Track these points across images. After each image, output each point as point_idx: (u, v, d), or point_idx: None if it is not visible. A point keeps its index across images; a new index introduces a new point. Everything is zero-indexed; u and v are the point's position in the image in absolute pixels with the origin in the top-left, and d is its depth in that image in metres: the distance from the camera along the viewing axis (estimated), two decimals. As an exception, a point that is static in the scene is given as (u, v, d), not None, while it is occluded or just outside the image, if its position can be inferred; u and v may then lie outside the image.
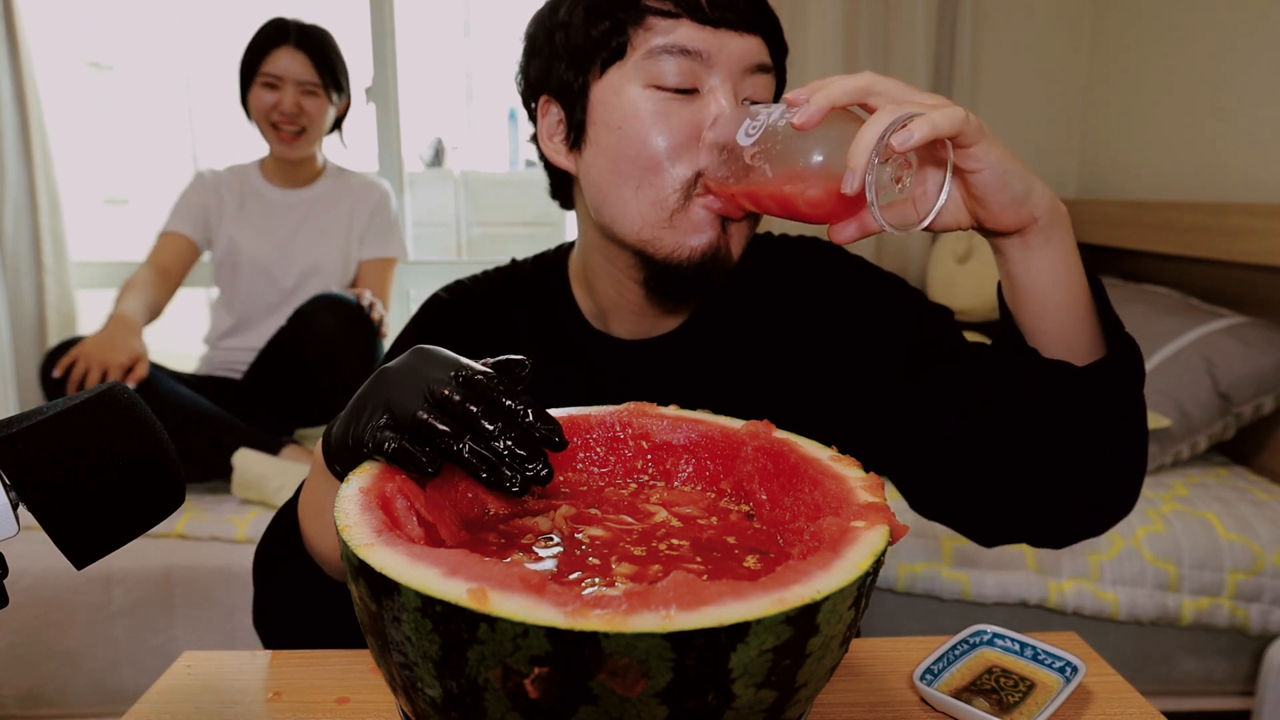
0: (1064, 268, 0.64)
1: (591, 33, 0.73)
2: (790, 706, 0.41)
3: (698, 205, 0.73)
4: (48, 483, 0.45)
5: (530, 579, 0.38)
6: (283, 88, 1.90)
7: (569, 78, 0.76)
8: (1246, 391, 1.69)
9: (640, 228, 0.74)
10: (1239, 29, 1.93)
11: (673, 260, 0.74)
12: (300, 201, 2.03)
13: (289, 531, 0.71)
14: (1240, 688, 1.55)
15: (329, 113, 1.98)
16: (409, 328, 0.89)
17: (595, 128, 0.75)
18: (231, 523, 1.57)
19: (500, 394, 0.51)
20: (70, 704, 1.54)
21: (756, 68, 0.74)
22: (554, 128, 0.79)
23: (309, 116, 1.93)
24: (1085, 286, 0.66)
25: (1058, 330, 0.66)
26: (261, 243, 2.00)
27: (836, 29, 2.26)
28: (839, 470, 0.52)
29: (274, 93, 1.90)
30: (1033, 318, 0.66)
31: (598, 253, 0.81)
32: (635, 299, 0.82)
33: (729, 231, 0.75)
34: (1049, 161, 2.55)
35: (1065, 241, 0.64)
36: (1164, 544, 1.51)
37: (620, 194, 0.74)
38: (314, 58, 1.91)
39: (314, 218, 2.02)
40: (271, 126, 1.93)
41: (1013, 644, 0.67)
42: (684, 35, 0.71)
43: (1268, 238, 1.66)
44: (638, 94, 0.72)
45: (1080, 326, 0.66)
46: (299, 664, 0.68)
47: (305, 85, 1.91)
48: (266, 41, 1.90)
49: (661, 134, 0.72)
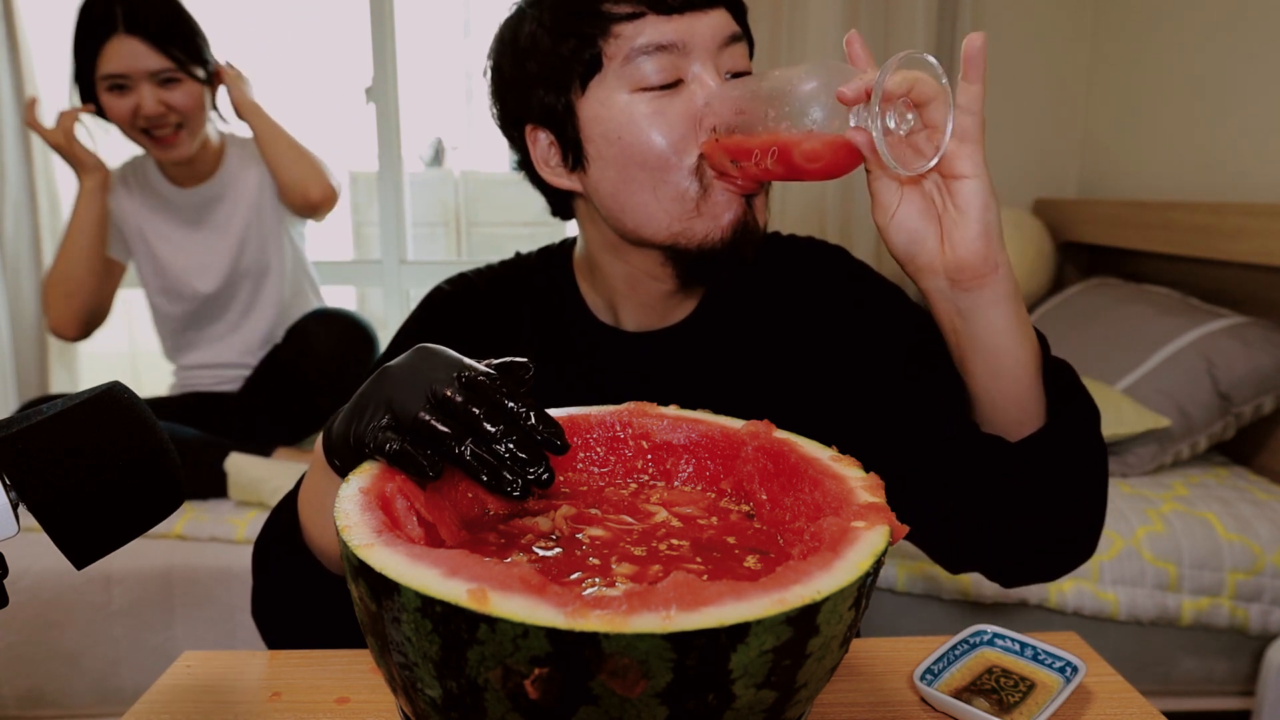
0: (1020, 326, 0.65)
1: (561, 52, 0.73)
2: (790, 707, 0.41)
3: (718, 188, 0.73)
4: (48, 482, 0.44)
5: (530, 579, 0.38)
6: (134, 87, 1.59)
7: (551, 101, 0.75)
8: (1246, 391, 1.69)
9: (670, 223, 0.74)
10: (1239, 29, 1.93)
11: (707, 245, 0.75)
12: (211, 198, 1.79)
13: (288, 525, 0.72)
14: (1240, 688, 1.55)
15: (203, 95, 1.67)
16: (411, 320, 0.89)
17: (594, 144, 0.74)
18: (231, 523, 1.57)
19: (502, 396, 0.51)
20: (70, 704, 1.54)
21: (729, 39, 0.74)
22: (547, 153, 0.79)
23: (180, 110, 1.63)
24: (1037, 348, 0.67)
25: (1014, 390, 0.66)
26: (180, 254, 1.79)
27: (836, 29, 2.26)
28: (839, 470, 0.52)
29: (127, 96, 1.60)
30: (987, 378, 0.66)
31: (610, 255, 0.81)
32: (650, 293, 0.82)
33: (753, 205, 0.76)
34: (1049, 161, 2.55)
35: (1019, 301, 0.65)
36: (1164, 544, 1.50)
37: (640, 199, 0.74)
38: (157, 40, 1.57)
39: (228, 209, 1.79)
40: (141, 133, 1.64)
41: (1013, 644, 0.67)
42: (655, 32, 0.71)
43: (1268, 238, 1.66)
44: (626, 101, 0.72)
45: (1033, 390, 0.67)
46: (299, 664, 0.68)
47: (160, 75, 1.59)
48: (94, 36, 1.57)
49: (661, 133, 0.72)
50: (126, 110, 1.60)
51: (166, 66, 1.59)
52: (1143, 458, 1.73)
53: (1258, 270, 1.86)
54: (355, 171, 3.06)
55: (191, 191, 1.78)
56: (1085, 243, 2.36)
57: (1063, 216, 2.41)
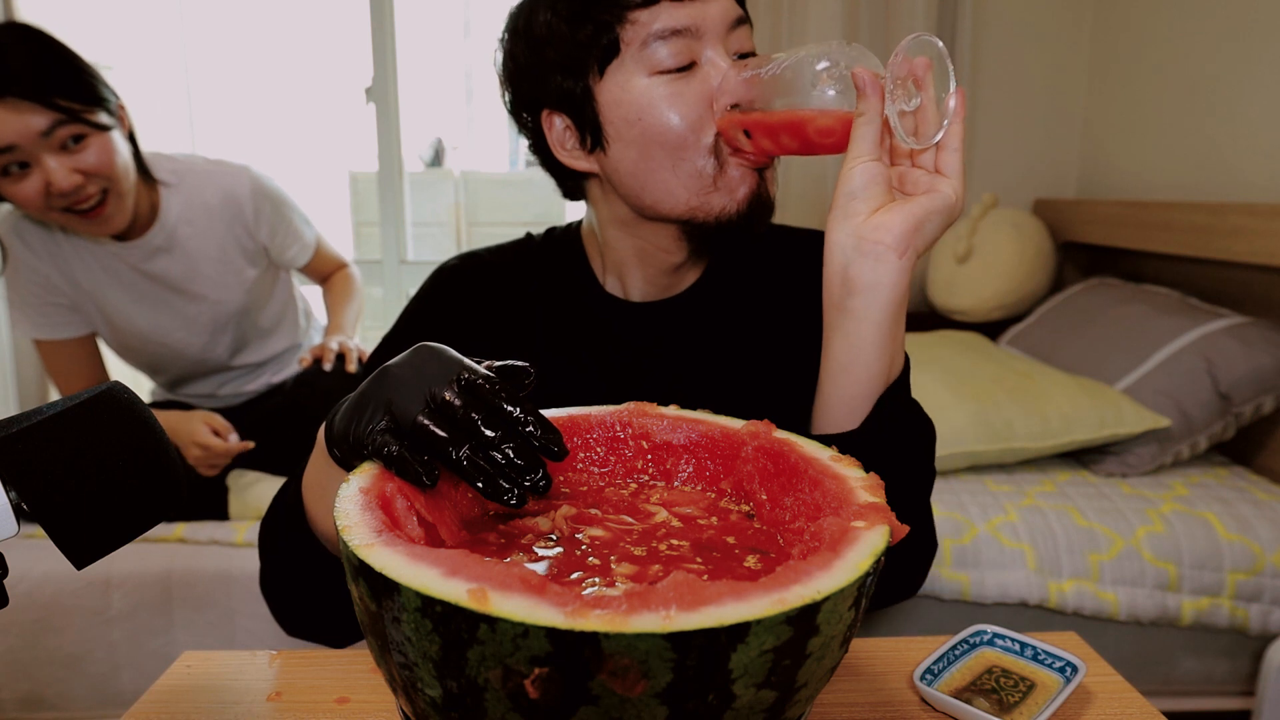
0: (886, 337, 0.68)
1: (579, 38, 0.76)
2: (790, 707, 0.41)
3: (733, 164, 0.77)
4: (48, 482, 0.44)
5: (530, 579, 0.38)
6: (34, 161, 1.25)
7: (569, 86, 0.78)
8: (1246, 391, 1.69)
9: (688, 199, 0.78)
10: (1239, 29, 1.93)
11: (724, 217, 0.79)
12: (159, 248, 1.48)
13: (291, 507, 0.73)
14: (1240, 688, 1.55)
15: (116, 142, 1.32)
16: (418, 299, 0.90)
17: (614, 126, 0.78)
18: (230, 526, 1.57)
19: (501, 400, 0.51)
20: (70, 707, 1.54)
21: (736, 22, 0.78)
22: (563, 136, 0.82)
23: (101, 174, 1.30)
24: (893, 371, 0.70)
25: (851, 391, 0.69)
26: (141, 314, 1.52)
27: (837, 26, 2.26)
28: (839, 470, 0.52)
29: (29, 175, 1.26)
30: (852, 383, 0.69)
31: (620, 230, 0.85)
32: (659, 264, 0.85)
33: (765, 177, 0.80)
34: (1049, 161, 2.55)
35: (899, 311, 0.68)
36: (1164, 544, 1.50)
37: (660, 177, 0.78)
38: (33, 93, 1.22)
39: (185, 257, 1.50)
40: (63, 212, 1.31)
41: (1013, 644, 0.67)
42: (669, 17, 0.74)
43: (1268, 238, 1.66)
44: (645, 84, 0.75)
45: (867, 401, 0.69)
46: (299, 664, 0.68)
47: (57, 132, 1.24)
48: None
49: (680, 114, 0.75)
50: (35, 192, 1.27)
51: (56, 119, 1.24)
52: (1143, 458, 1.73)
53: (1258, 270, 1.86)
54: (355, 171, 3.06)
55: (133, 245, 1.46)
56: (1085, 243, 2.36)
57: (1063, 216, 2.41)
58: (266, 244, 1.59)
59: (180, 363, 1.62)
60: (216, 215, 1.51)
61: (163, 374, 1.68)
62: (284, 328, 1.75)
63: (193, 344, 1.58)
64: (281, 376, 1.77)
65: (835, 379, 0.69)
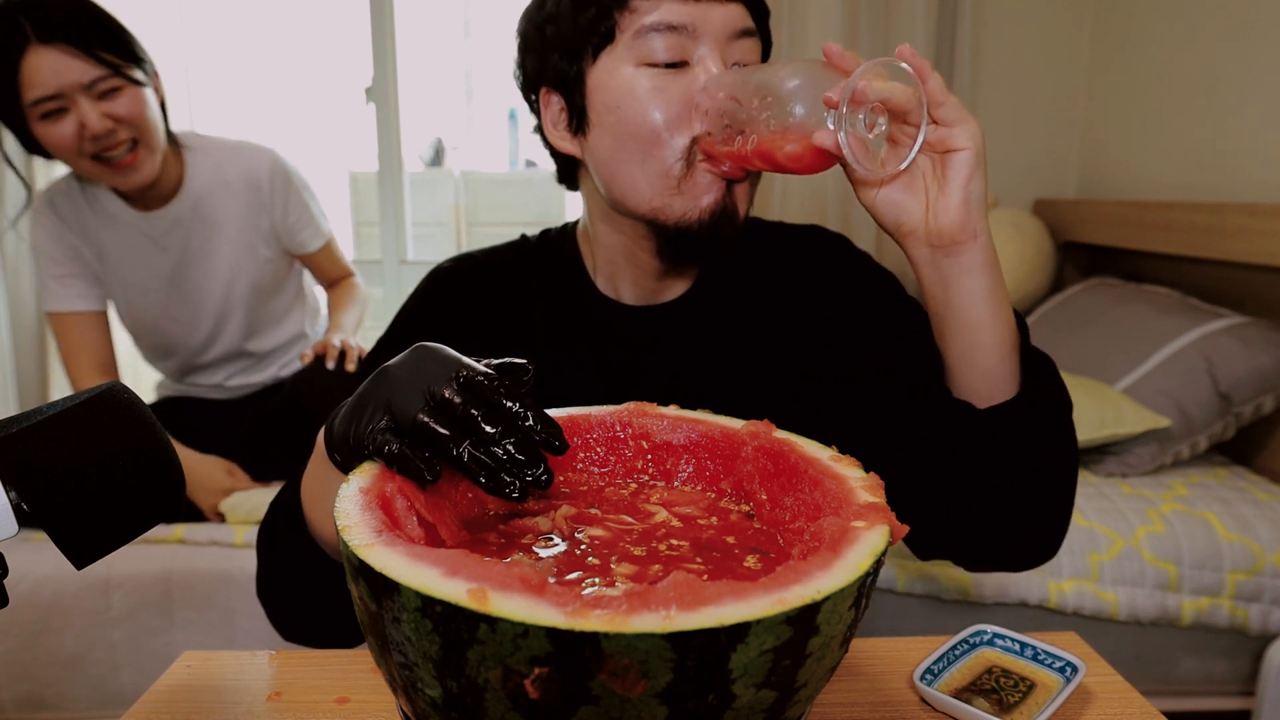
0: (998, 298, 0.67)
1: (580, 21, 0.76)
2: (790, 707, 0.41)
3: (701, 170, 0.76)
4: (48, 482, 0.44)
5: (530, 579, 0.38)
6: (71, 106, 1.34)
7: (564, 67, 0.78)
8: (1246, 391, 1.69)
9: (650, 197, 0.77)
10: (1240, 29, 1.93)
11: (684, 224, 0.77)
12: (180, 220, 1.54)
13: (289, 510, 0.73)
14: (1240, 688, 1.55)
15: (148, 98, 1.41)
16: (414, 299, 0.90)
17: (596, 111, 0.78)
18: (230, 527, 1.57)
19: (501, 396, 0.51)
20: (70, 707, 1.54)
21: (741, 33, 0.77)
22: (557, 116, 0.82)
23: (130, 123, 1.38)
24: (1013, 323, 0.69)
25: (986, 362, 0.68)
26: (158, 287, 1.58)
27: (837, 29, 2.26)
28: (839, 470, 0.52)
29: (65, 119, 1.34)
30: (963, 349, 0.68)
31: (606, 225, 0.84)
32: (643, 266, 0.84)
33: (733, 192, 0.78)
34: (1049, 161, 2.55)
35: (997, 272, 0.67)
36: (1164, 544, 1.50)
37: (628, 169, 0.77)
38: (80, 44, 1.32)
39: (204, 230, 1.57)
40: (93, 160, 1.39)
41: (1013, 644, 0.67)
42: (669, 11, 0.74)
43: (1268, 238, 1.66)
44: (631, 74, 0.75)
45: (1005, 365, 0.68)
46: (299, 664, 0.68)
47: (98, 85, 1.34)
48: (3, 57, 1.30)
49: (658, 109, 0.74)
50: (69, 135, 1.35)
51: (100, 75, 1.33)
52: (1143, 458, 1.73)
53: (1258, 270, 1.86)
54: (355, 171, 3.06)
55: (154, 216, 1.53)
56: (1085, 243, 2.36)
57: (1063, 216, 2.41)
58: (280, 223, 1.63)
59: (191, 343, 1.65)
60: (238, 191, 1.58)
61: (174, 357, 1.70)
62: (293, 317, 1.80)
63: (204, 321, 1.63)
64: (289, 370, 1.80)
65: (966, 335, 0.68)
